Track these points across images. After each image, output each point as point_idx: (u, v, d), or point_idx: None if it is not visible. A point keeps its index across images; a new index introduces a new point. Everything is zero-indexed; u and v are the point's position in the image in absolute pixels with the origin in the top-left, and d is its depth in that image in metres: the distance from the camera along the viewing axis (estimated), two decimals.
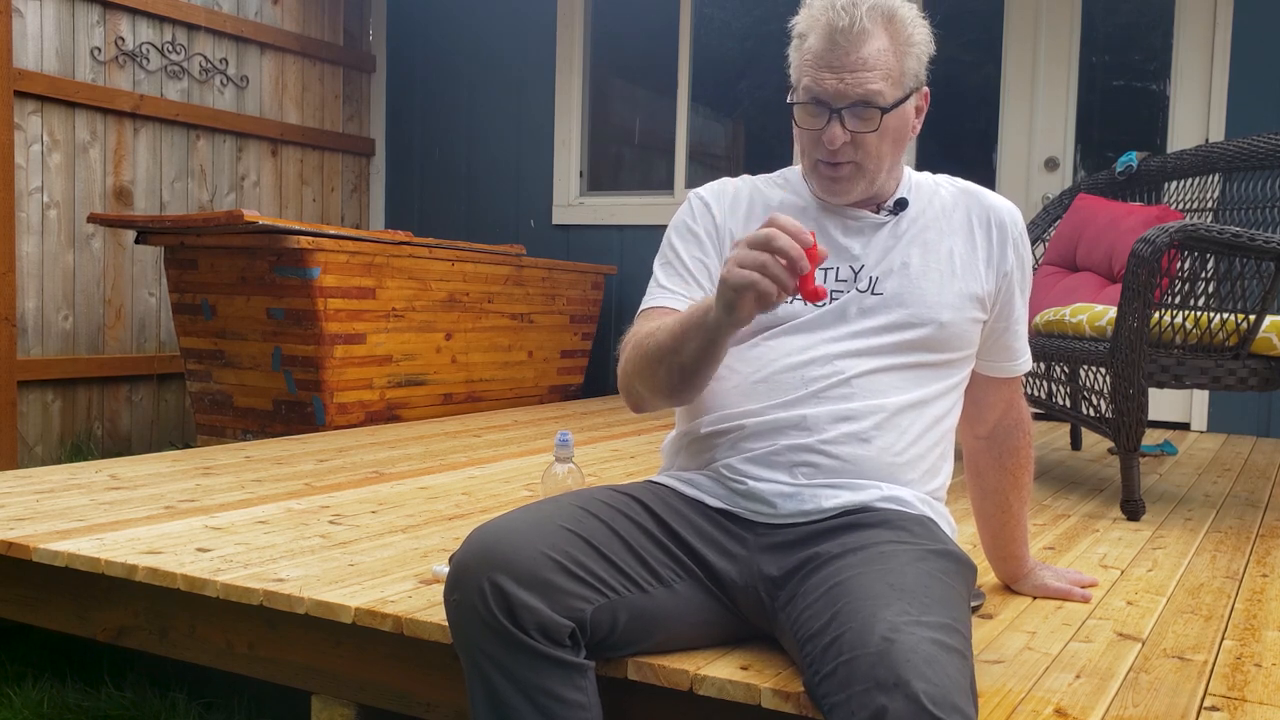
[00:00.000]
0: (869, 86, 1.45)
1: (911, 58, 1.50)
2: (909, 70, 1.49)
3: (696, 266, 1.59)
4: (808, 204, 1.59)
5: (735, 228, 1.59)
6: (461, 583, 1.34)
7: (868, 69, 1.45)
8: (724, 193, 1.63)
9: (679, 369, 1.43)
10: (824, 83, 1.46)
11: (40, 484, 2.67)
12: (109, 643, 2.01)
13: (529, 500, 2.59)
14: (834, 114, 1.46)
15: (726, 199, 1.63)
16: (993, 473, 1.78)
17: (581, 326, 5.23)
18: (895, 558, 1.34)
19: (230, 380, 4.06)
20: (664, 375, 1.45)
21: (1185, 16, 4.52)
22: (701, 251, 1.59)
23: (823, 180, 1.53)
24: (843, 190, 1.53)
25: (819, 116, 1.48)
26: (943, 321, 1.53)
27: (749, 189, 1.64)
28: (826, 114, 1.47)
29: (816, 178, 1.54)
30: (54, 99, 4.38)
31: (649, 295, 1.61)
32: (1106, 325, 2.75)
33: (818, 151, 1.50)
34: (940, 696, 1.10)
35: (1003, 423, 1.75)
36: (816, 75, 1.47)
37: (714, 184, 1.66)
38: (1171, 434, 4.32)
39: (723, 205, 1.62)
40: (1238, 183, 3.34)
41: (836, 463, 1.48)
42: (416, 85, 6.00)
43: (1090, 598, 1.90)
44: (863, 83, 1.45)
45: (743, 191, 1.63)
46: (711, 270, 1.58)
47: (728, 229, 1.59)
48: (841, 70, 1.45)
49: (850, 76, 1.45)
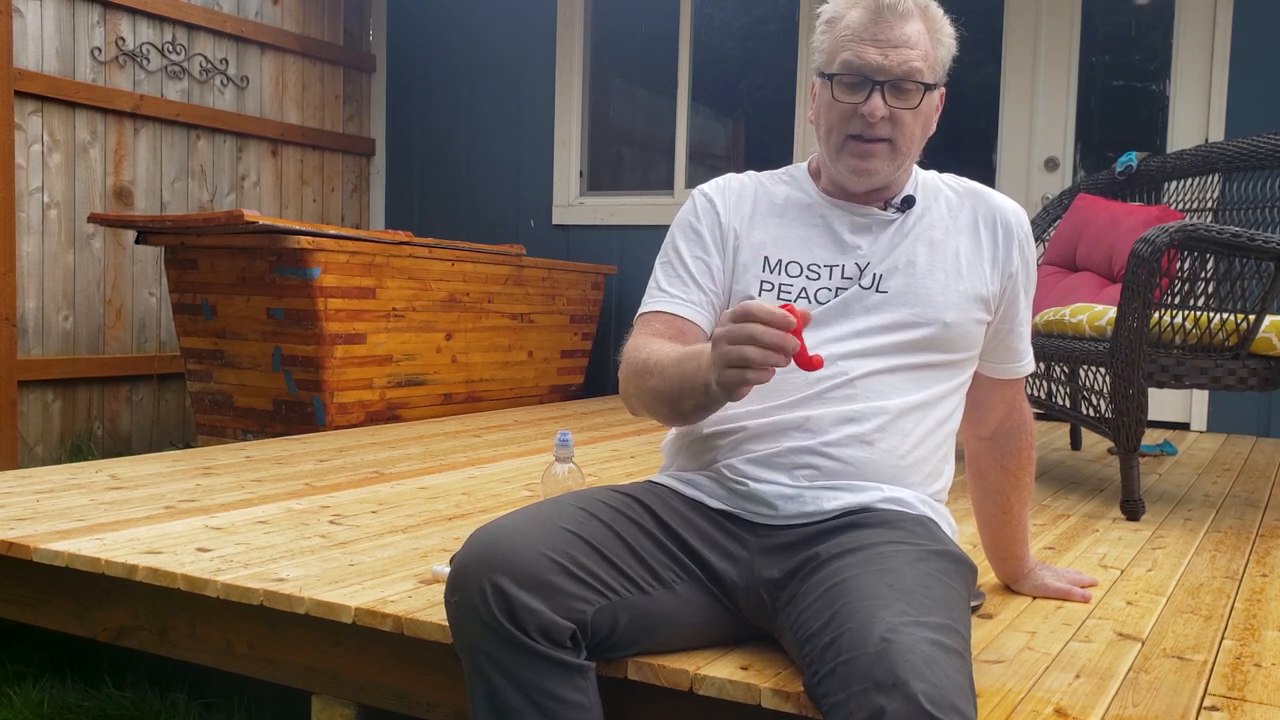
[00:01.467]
0: (912, 64, 1.46)
1: (943, 49, 1.52)
2: (940, 60, 1.52)
3: (698, 267, 1.58)
4: (814, 200, 1.59)
5: (739, 225, 1.58)
6: (462, 584, 1.34)
7: (910, 46, 1.46)
8: (729, 189, 1.62)
9: (680, 416, 1.44)
10: (867, 55, 1.46)
11: (40, 484, 2.67)
12: (109, 643, 2.01)
13: (529, 500, 2.59)
14: (876, 86, 1.46)
15: (731, 196, 1.62)
16: (994, 474, 1.78)
17: (581, 326, 5.23)
18: (895, 558, 1.34)
19: (230, 380, 4.06)
20: (666, 415, 1.46)
21: (1185, 16, 4.52)
22: (704, 251, 1.58)
23: (851, 159, 1.51)
24: (872, 169, 1.50)
25: (859, 90, 1.47)
26: (947, 321, 1.52)
27: (754, 185, 1.63)
28: (868, 87, 1.46)
29: (844, 157, 1.51)
30: (54, 99, 4.38)
31: (648, 297, 1.60)
32: (1106, 325, 2.75)
33: (852, 126, 1.49)
34: (939, 697, 1.10)
35: (1005, 424, 1.74)
36: (859, 49, 1.46)
37: (719, 180, 1.65)
38: (1171, 434, 4.32)
39: (727, 202, 1.61)
40: (1237, 183, 3.34)
41: (839, 465, 1.47)
42: (416, 85, 6.00)
43: (1090, 598, 1.90)
44: (907, 59, 1.46)
45: (747, 188, 1.63)
46: (713, 270, 1.57)
47: (732, 227, 1.59)
48: (885, 45, 1.46)
49: (894, 52, 1.46)
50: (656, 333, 1.53)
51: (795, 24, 5.21)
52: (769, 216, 1.59)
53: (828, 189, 1.59)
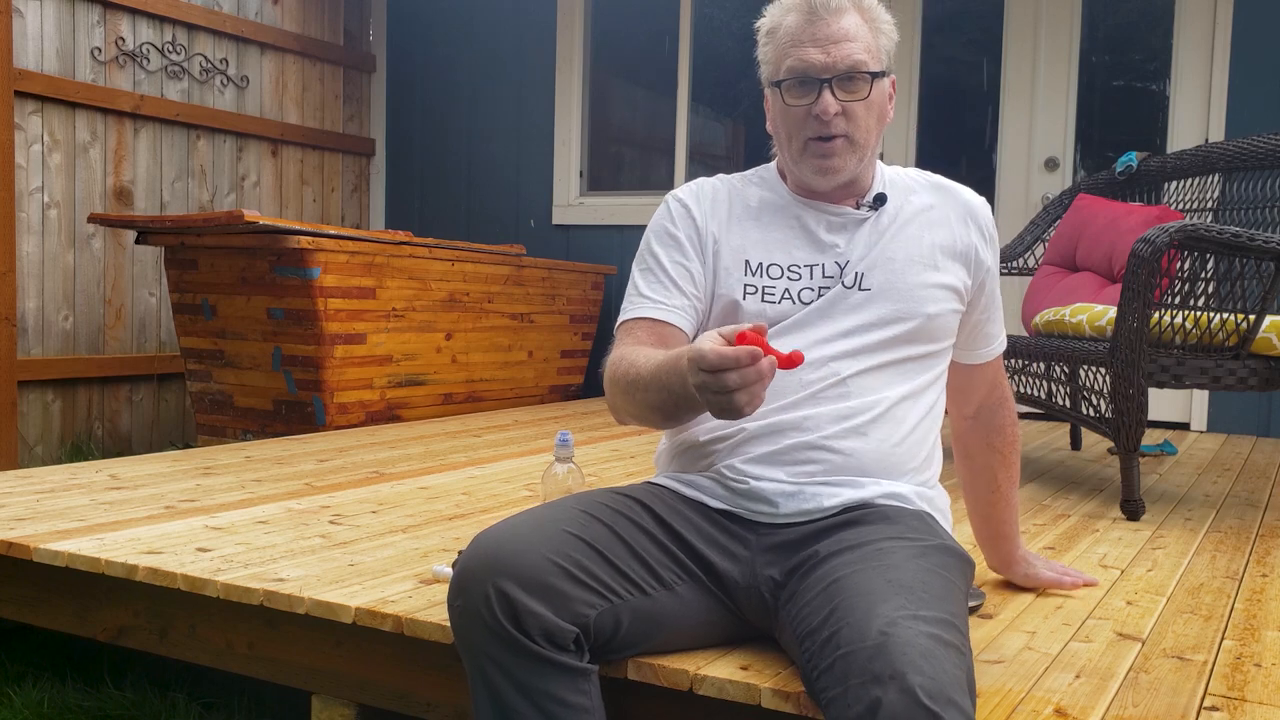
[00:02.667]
0: (855, 56, 1.49)
1: (884, 36, 1.55)
2: (883, 48, 1.54)
3: (678, 272, 1.58)
4: (787, 201, 1.60)
5: (717, 230, 1.59)
6: (466, 588, 1.34)
7: (850, 39, 1.49)
8: (702, 194, 1.63)
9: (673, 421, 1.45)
10: (810, 57, 1.49)
11: (40, 484, 2.67)
12: (109, 643, 2.01)
13: (529, 500, 2.60)
14: (824, 84, 1.49)
15: (706, 200, 1.62)
16: (982, 452, 1.82)
17: (581, 326, 5.23)
18: (893, 553, 1.35)
19: (230, 380, 4.06)
20: (660, 422, 1.46)
21: (1185, 16, 4.52)
22: (683, 255, 1.59)
23: (814, 160, 1.53)
24: (835, 168, 1.52)
25: (808, 92, 1.50)
26: (929, 314, 1.55)
27: (727, 189, 1.64)
28: (816, 87, 1.49)
29: (807, 160, 1.53)
30: (54, 99, 4.38)
31: (628, 304, 1.59)
32: (1106, 325, 2.75)
33: (808, 129, 1.51)
34: (936, 690, 1.10)
35: (988, 402, 1.79)
36: (800, 52, 1.50)
37: (691, 185, 1.66)
38: (1171, 434, 4.32)
39: (703, 207, 1.61)
40: (1238, 183, 3.34)
41: (838, 458, 1.49)
42: (416, 85, 6.00)
43: (1079, 584, 1.94)
44: (849, 53, 1.49)
45: (721, 191, 1.64)
46: (694, 275, 1.57)
47: (709, 231, 1.59)
48: (825, 43, 1.49)
49: (834, 48, 1.49)
50: (639, 340, 1.53)
51: None
52: (745, 219, 1.60)
53: (798, 190, 1.60)
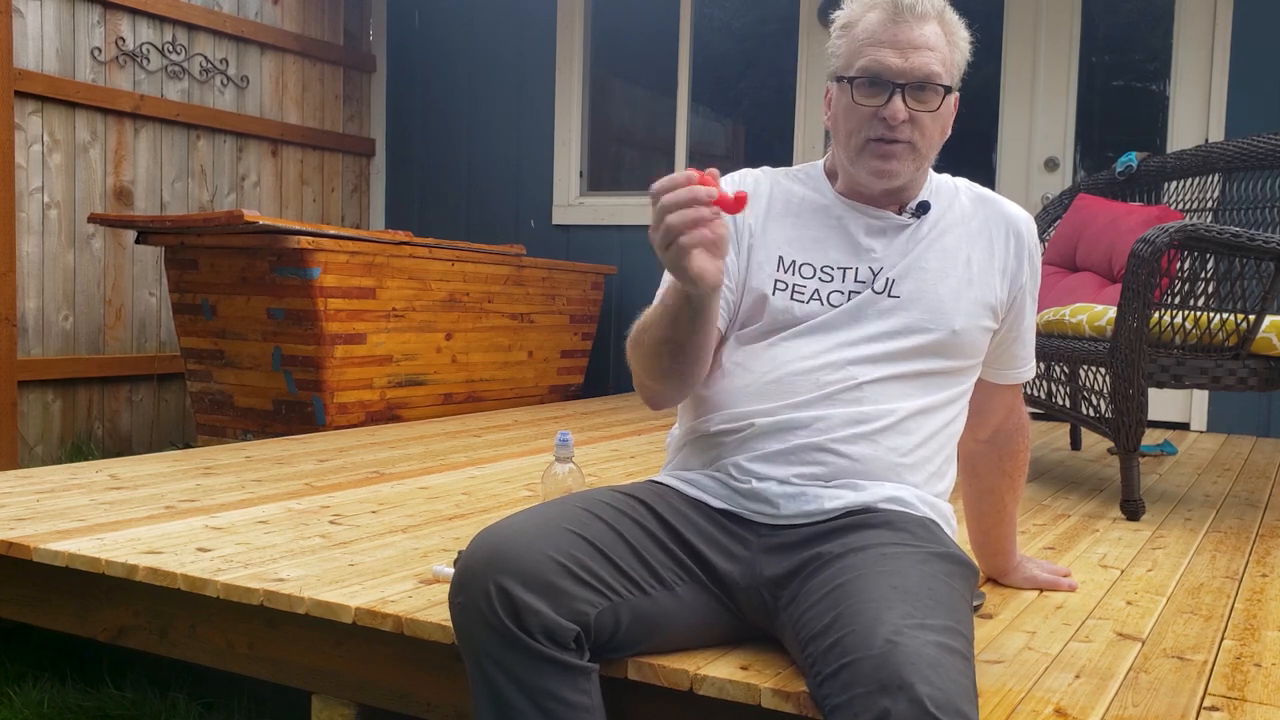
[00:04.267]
0: (932, 67, 1.46)
1: (959, 52, 1.52)
2: (956, 64, 1.52)
3: None
4: (830, 201, 1.58)
5: (755, 223, 1.57)
6: (467, 586, 1.34)
7: (930, 48, 1.47)
8: (744, 184, 1.61)
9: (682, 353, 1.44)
10: (886, 60, 1.46)
11: (40, 484, 2.67)
12: (109, 643, 2.01)
13: (529, 500, 2.59)
14: (896, 89, 1.46)
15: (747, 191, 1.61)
16: (991, 474, 1.79)
17: (581, 326, 5.23)
18: (898, 560, 1.34)
19: (230, 380, 4.06)
20: (668, 359, 1.45)
21: (1185, 16, 4.52)
22: None
23: (872, 161, 1.50)
24: (893, 171, 1.50)
25: (878, 94, 1.47)
26: (955, 328, 1.53)
27: (769, 181, 1.62)
28: (888, 90, 1.46)
29: (865, 159, 1.50)
30: (54, 99, 4.38)
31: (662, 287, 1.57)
32: (1106, 325, 2.75)
33: (872, 129, 1.48)
34: (943, 700, 1.10)
35: (1004, 427, 1.75)
36: (878, 52, 1.46)
37: (735, 175, 1.63)
38: (1171, 434, 4.32)
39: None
40: (1237, 183, 3.34)
41: (845, 461, 1.47)
42: (416, 85, 6.00)
43: (1076, 586, 1.94)
44: (926, 62, 1.46)
45: (763, 184, 1.62)
46: (729, 266, 1.55)
47: (747, 224, 1.57)
48: (905, 48, 1.46)
49: (914, 54, 1.46)
50: None
51: (795, 24, 5.21)
52: (785, 215, 1.58)
53: (844, 191, 1.58)
